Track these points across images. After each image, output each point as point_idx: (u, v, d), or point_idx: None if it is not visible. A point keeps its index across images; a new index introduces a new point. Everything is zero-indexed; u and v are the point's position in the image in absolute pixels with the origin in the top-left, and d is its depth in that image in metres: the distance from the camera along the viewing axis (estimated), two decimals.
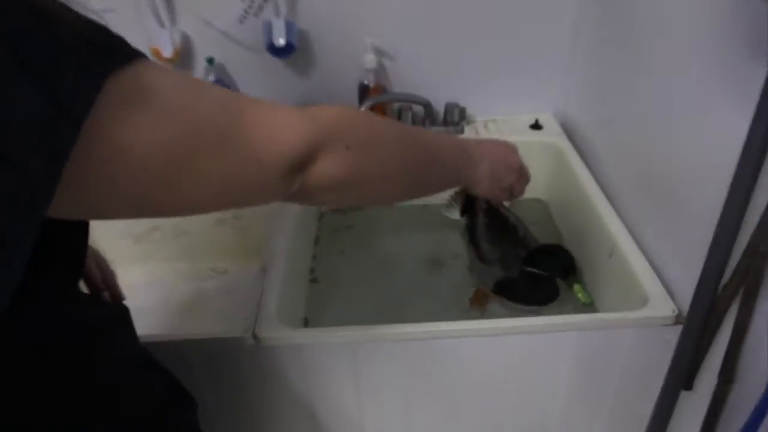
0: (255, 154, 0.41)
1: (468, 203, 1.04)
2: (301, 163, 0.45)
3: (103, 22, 0.35)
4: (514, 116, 1.22)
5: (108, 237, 1.06)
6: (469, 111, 1.20)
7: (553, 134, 1.15)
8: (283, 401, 0.80)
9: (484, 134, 1.18)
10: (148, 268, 1.11)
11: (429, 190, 0.62)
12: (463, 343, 0.77)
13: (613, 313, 0.78)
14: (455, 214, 1.06)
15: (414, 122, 1.17)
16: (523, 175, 0.74)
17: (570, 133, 1.16)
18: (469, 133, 1.18)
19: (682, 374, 0.80)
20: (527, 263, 0.88)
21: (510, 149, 0.76)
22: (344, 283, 1.00)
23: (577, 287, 0.89)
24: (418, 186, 0.59)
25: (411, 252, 1.07)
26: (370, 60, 1.15)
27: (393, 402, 0.81)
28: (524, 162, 0.75)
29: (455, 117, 1.18)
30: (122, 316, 0.50)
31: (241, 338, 0.75)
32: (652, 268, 0.82)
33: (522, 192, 0.76)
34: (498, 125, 1.21)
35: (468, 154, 0.70)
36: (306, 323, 0.93)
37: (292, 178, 0.45)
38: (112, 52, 0.33)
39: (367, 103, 1.10)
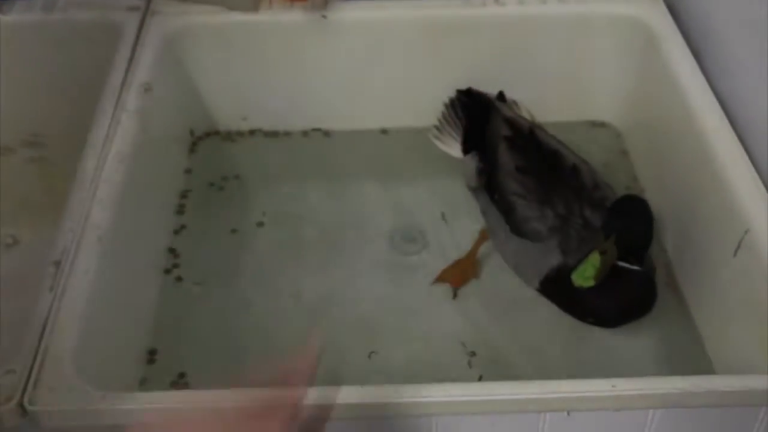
0: None
1: (475, 127, 0.99)
2: None
3: None
4: None
5: None
6: None
7: None
8: None
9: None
10: None
11: None
12: (456, 424, 0.71)
13: (738, 375, 0.72)
14: (453, 149, 1.03)
15: None
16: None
17: None
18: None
19: None
20: (622, 253, 0.83)
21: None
22: (233, 283, 0.97)
23: (594, 258, 0.82)
24: None
25: (364, 219, 1.06)
26: None
27: None
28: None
29: None
30: None
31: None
32: None
33: None
34: None
35: None
36: (152, 360, 0.89)
37: None
38: None
39: None
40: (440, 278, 0.96)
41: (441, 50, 1.11)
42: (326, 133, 1.16)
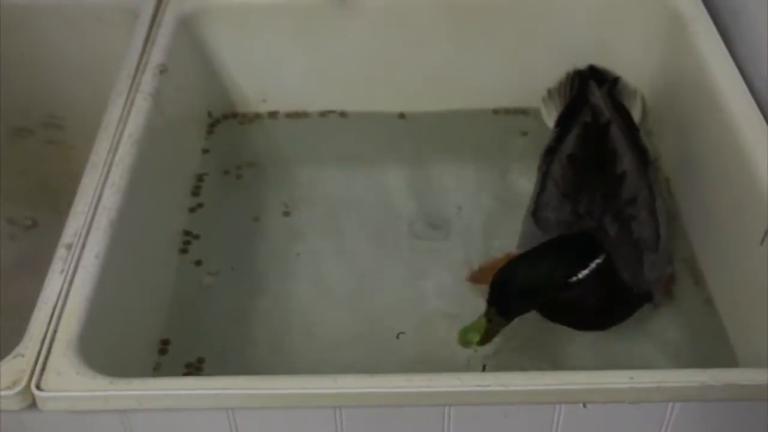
0: None
1: (576, 105, 0.97)
2: None
3: None
4: None
5: None
6: None
7: None
8: None
9: None
10: None
11: None
12: (469, 414, 0.71)
13: (760, 369, 0.69)
14: (550, 119, 1.03)
15: None
16: None
17: None
18: None
19: None
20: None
21: None
22: (251, 268, 0.97)
23: (479, 323, 0.80)
24: None
25: (385, 205, 1.06)
26: None
27: None
28: None
29: None
30: None
31: (5, 397, 0.67)
32: None
33: None
34: None
35: None
36: (165, 346, 0.89)
37: None
38: None
39: None
40: (475, 279, 0.94)
41: (463, 32, 1.09)
42: (342, 114, 1.15)
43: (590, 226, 0.85)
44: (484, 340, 0.79)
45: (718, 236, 0.92)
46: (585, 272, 0.81)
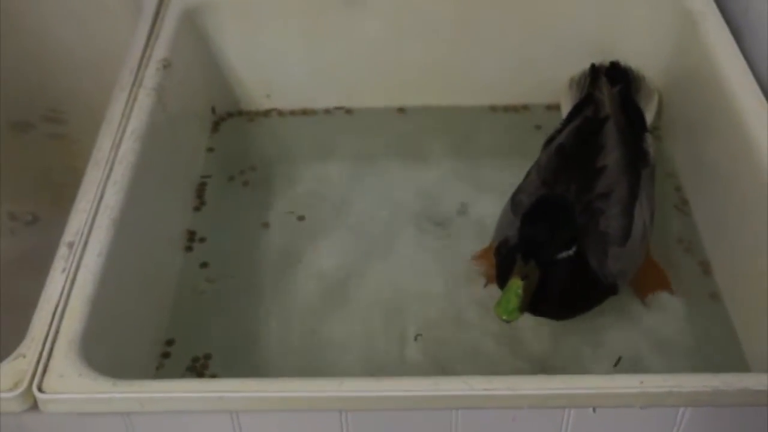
0: None
1: (588, 99, 0.97)
2: None
3: None
4: None
5: None
6: None
7: None
8: None
9: None
10: None
11: None
12: (478, 417, 0.70)
13: None
14: (564, 108, 1.03)
15: None
16: None
17: None
18: None
19: None
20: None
21: None
22: (256, 268, 0.97)
23: (515, 286, 0.77)
24: None
25: (390, 202, 1.05)
26: None
27: None
28: None
29: None
30: None
31: (6, 399, 0.67)
32: None
33: None
34: None
35: None
36: (169, 347, 0.88)
37: None
38: None
39: None
40: (480, 257, 0.94)
41: (466, 28, 1.10)
42: (348, 111, 1.14)
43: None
44: (525, 299, 0.76)
45: (728, 235, 0.92)
46: (569, 252, 0.79)
